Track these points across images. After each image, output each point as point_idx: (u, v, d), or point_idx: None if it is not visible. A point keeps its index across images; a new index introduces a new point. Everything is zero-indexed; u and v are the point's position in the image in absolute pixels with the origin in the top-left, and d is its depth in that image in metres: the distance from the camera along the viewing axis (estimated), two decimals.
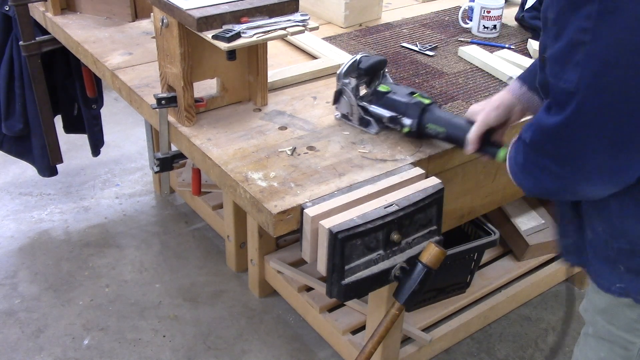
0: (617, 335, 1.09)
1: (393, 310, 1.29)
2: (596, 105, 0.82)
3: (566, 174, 0.90)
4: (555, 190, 0.95)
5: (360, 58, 1.45)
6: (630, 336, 1.07)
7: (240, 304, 2.24)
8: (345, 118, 1.50)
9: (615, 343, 1.10)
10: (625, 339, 1.08)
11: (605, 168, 0.87)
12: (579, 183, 0.91)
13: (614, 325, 1.08)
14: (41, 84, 2.19)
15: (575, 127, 0.85)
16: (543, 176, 0.94)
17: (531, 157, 0.95)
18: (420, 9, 2.30)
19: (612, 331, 1.09)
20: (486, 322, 2.15)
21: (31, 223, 2.62)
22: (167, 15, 1.37)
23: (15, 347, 2.05)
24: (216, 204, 2.49)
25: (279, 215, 1.20)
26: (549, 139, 0.90)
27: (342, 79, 1.46)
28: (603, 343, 1.12)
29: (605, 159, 0.86)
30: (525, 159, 0.97)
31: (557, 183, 0.92)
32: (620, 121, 0.82)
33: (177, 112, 1.49)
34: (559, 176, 0.91)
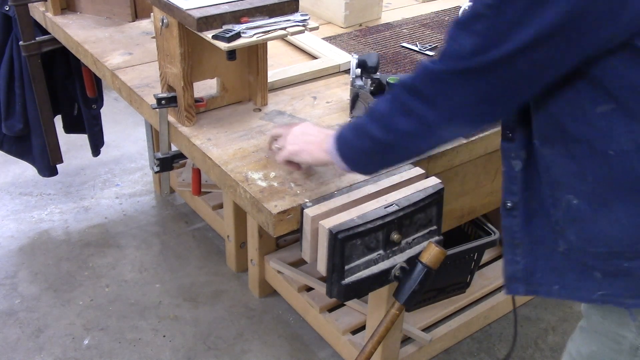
0: (609, 329, 1.09)
1: (393, 310, 1.29)
2: (481, 71, 0.90)
3: (431, 116, 0.98)
4: (409, 133, 1.01)
5: (363, 58, 1.45)
6: (622, 330, 1.07)
7: (240, 304, 2.24)
8: None
9: (607, 336, 1.10)
10: (617, 333, 1.08)
11: (469, 115, 0.96)
12: (439, 126, 0.99)
13: (607, 319, 1.09)
14: (41, 84, 2.19)
15: (456, 79, 0.93)
16: (404, 119, 1.00)
17: (402, 97, 1.00)
18: (420, 9, 2.30)
19: (605, 325, 1.10)
20: (486, 322, 2.15)
21: (31, 223, 2.62)
22: (167, 15, 1.37)
23: (15, 347, 2.05)
24: (216, 204, 2.49)
25: (279, 215, 1.20)
26: (428, 80, 0.96)
27: (356, 83, 1.45)
28: (595, 336, 1.13)
29: (472, 109, 0.95)
30: (391, 103, 1.03)
31: (417, 125, 1.00)
32: (495, 85, 0.91)
33: (177, 112, 1.49)
34: (423, 118, 0.98)
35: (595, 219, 0.98)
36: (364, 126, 1.08)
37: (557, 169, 1.00)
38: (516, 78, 0.90)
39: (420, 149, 1.08)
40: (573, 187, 0.99)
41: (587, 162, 0.96)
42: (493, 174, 1.63)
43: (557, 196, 1.02)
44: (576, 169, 0.97)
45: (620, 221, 0.96)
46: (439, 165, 1.43)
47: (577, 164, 0.97)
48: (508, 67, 0.88)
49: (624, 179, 0.93)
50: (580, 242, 1.02)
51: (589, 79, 0.91)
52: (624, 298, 1.01)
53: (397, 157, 1.12)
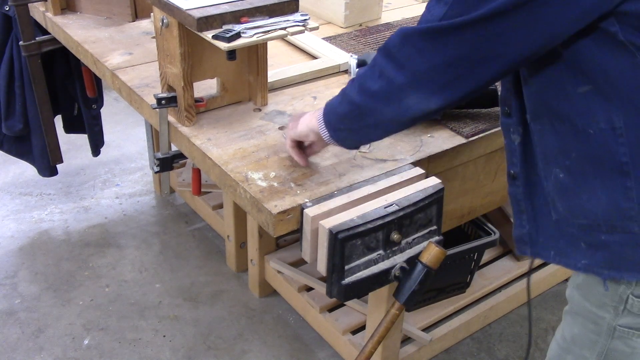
0: (589, 311, 1.12)
1: (393, 310, 1.29)
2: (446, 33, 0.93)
3: (399, 78, 1.00)
4: (378, 94, 1.04)
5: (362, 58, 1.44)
6: (600, 311, 1.10)
7: (240, 304, 2.24)
8: None
9: (587, 318, 1.13)
10: (596, 314, 1.11)
11: (433, 80, 0.98)
12: (406, 90, 1.00)
13: (588, 300, 1.12)
14: (41, 84, 2.19)
15: (423, 39, 0.96)
16: (376, 80, 1.03)
17: (377, 60, 1.03)
18: (420, 9, 2.30)
19: (586, 306, 1.13)
20: (486, 322, 2.15)
21: (31, 223, 2.62)
22: (167, 15, 1.37)
23: (15, 347, 2.05)
24: (216, 204, 2.49)
25: (279, 215, 1.20)
26: (399, 41, 0.99)
27: None
28: (577, 318, 1.15)
29: (436, 74, 0.97)
30: (370, 67, 1.06)
31: (386, 87, 1.02)
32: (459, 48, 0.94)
33: (177, 112, 1.49)
34: (391, 80, 1.01)
35: (578, 192, 1.03)
36: (345, 90, 1.11)
37: (546, 143, 1.05)
38: (479, 47, 0.93)
39: (387, 116, 1.08)
40: (559, 161, 1.03)
41: (570, 139, 1.00)
42: (493, 174, 1.63)
43: (547, 169, 1.07)
44: (561, 145, 1.02)
45: (597, 196, 1.00)
46: (439, 165, 1.43)
47: (561, 140, 1.01)
48: (472, 34, 0.91)
49: (602, 157, 0.98)
50: (567, 213, 1.07)
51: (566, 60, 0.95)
52: (602, 269, 1.05)
53: (368, 125, 1.11)
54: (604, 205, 1.00)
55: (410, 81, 0.99)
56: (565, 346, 1.20)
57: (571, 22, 0.88)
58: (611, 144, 0.96)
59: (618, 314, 1.08)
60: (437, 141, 1.44)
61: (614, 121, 0.95)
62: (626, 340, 1.10)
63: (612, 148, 0.96)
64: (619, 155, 0.96)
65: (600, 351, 1.13)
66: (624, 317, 1.08)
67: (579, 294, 1.14)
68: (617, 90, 0.93)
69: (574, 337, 1.17)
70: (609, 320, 1.10)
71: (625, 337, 1.09)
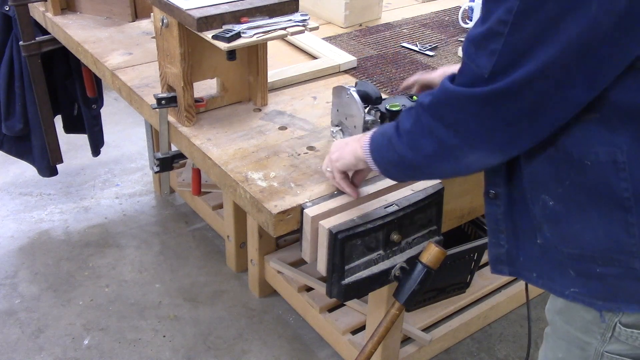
0: (574, 336, 1.08)
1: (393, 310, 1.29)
2: (501, 94, 0.87)
3: (452, 140, 0.94)
4: (433, 156, 0.98)
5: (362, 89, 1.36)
6: (587, 337, 1.06)
7: (240, 304, 2.24)
8: None
9: (572, 343, 1.09)
10: (582, 339, 1.07)
11: (492, 141, 0.92)
12: (462, 151, 0.95)
13: (571, 325, 1.08)
14: (41, 84, 2.19)
15: (476, 104, 0.89)
16: (426, 140, 0.97)
17: (423, 119, 0.97)
18: (420, 9, 2.30)
19: (570, 331, 1.09)
20: (486, 322, 2.15)
21: (31, 223, 2.62)
22: (167, 15, 1.37)
23: (15, 347, 2.05)
24: (216, 204, 2.49)
25: (279, 215, 1.20)
26: (448, 104, 0.93)
27: (367, 118, 1.34)
28: (561, 343, 1.12)
29: (495, 135, 0.91)
30: (414, 122, 0.99)
31: (439, 148, 0.96)
32: (518, 109, 0.87)
33: (177, 112, 1.49)
34: (443, 142, 0.95)
35: (569, 221, 0.98)
36: (391, 139, 1.05)
37: (535, 169, 1.00)
38: (541, 101, 0.86)
39: (444, 172, 1.04)
40: (549, 188, 0.99)
41: (564, 168, 0.95)
42: None
43: (535, 194, 1.02)
44: (553, 172, 0.97)
45: (593, 227, 0.96)
46: None
47: (554, 167, 0.96)
48: (530, 89, 0.84)
49: (600, 190, 0.93)
50: (555, 240, 1.01)
51: None
52: (597, 299, 1.01)
53: (423, 175, 1.09)
54: (601, 238, 0.96)
55: (467, 144, 0.93)
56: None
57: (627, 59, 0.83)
58: (611, 178, 0.91)
59: (605, 340, 1.04)
60: None
61: (616, 154, 0.89)
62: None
63: (613, 182, 0.91)
64: (621, 191, 0.91)
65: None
66: (611, 344, 1.04)
67: (562, 319, 1.10)
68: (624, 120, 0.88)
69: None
70: (596, 346, 1.06)
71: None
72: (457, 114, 0.92)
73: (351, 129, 1.36)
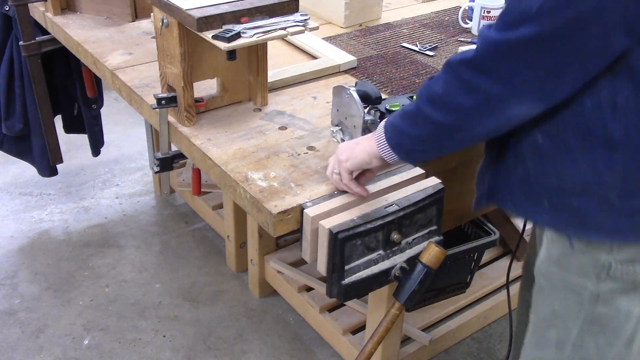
0: (570, 282, 1.13)
1: (393, 310, 1.29)
2: (550, 31, 0.86)
3: (498, 91, 0.93)
4: (474, 111, 0.97)
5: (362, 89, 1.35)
6: (583, 280, 1.11)
7: (240, 304, 2.24)
8: None
9: (568, 290, 1.14)
10: (578, 283, 1.12)
11: (539, 88, 0.92)
12: (508, 101, 0.94)
13: (568, 271, 1.12)
14: (41, 84, 2.19)
15: (524, 47, 0.89)
16: (467, 97, 0.96)
17: (464, 76, 0.96)
18: (420, 9, 2.30)
19: (566, 278, 1.13)
20: (486, 322, 2.15)
21: (31, 223, 2.62)
22: (167, 15, 1.37)
23: (15, 347, 2.05)
24: (216, 204, 2.49)
25: (279, 215, 1.20)
26: (494, 55, 0.92)
27: (367, 118, 1.33)
28: (556, 293, 1.16)
29: (542, 80, 0.91)
30: (448, 84, 0.98)
31: (484, 101, 0.95)
32: (570, 47, 0.87)
33: (177, 112, 1.49)
34: (489, 95, 0.94)
35: (555, 158, 1.03)
36: (419, 112, 1.04)
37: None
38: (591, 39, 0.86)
39: (488, 128, 1.02)
40: (541, 126, 1.02)
41: (560, 107, 0.97)
42: None
43: (525, 130, 1.05)
44: (549, 112, 0.99)
45: (577, 163, 1.00)
46: (439, 165, 1.43)
47: (554, 108, 0.98)
48: (580, 30, 0.84)
49: (593, 130, 0.96)
50: (536, 172, 1.06)
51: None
52: (568, 227, 1.07)
53: (456, 141, 1.06)
54: (583, 172, 1.01)
55: (511, 94, 0.93)
56: (545, 324, 1.20)
57: None
58: (607, 119, 0.95)
59: (600, 280, 1.09)
60: None
61: (617, 96, 0.93)
62: (609, 302, 1.11)
63: (607, 123, 0.95)
64: (613, 131, 0.95)
65: (584, 319, 1.14)
66: (606, 282, 1.09)
67: (558, 268, 1.14)
68: (633, 77, 0.91)
69: (554, 312, 1.18)
70: (592, 288, 1.11)
71: (608, 300, 1.11)
72: (502, 62, 0.91)
73: (351, 129, 1.36)
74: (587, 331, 1.15)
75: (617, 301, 1.11)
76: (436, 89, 1.01)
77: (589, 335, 1.15)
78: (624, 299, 1.10)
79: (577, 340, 1.16)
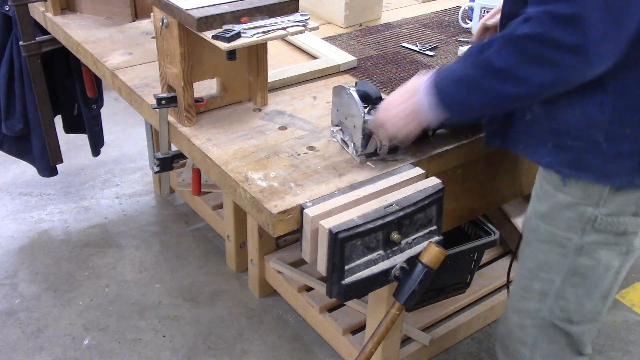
0: (556, 235, 1.21)
1: (393, 310, 1.29)
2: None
3: (571, 60, 0.98)
4: (549, 83, 1.02)
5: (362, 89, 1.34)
6: (568, 233, 1.20)
7: (240, 304, 2.24)
8: (370, 157, 1.36)
9: (554, 243, 1.22)
10: (563, 236, 1.21)
11: (610, 51, 0.98)
12: (582, 69, 0.99)
13: (554, 226, 1.21)
14: (41, 84, 2.19)
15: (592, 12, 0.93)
16: (541, 70, 1.00)
17: (532, 50, 0.99)
18: (420, 9, 2.30)
19: (552, 231, 1.22)
20: (486, 322, 2.15)
21: (31, 223, 2.62)
22: (167, 15, 1.37)
23: (15, 347, 2.05)
24: (216, 204, 2.49)
25: (279, 215, 1.20)
26: (562, 26, 0.96)
27: (367, 118, 1.30)
28: (542, 246, 1.24)
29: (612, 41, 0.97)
30: (517, 57, 1.02)
31: (556, 73, 1.00)
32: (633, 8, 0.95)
33: (177, 112, 1.49)
34: (562, 65, 0.99)
35: (557, 102, 1.12)
36: (477, 81, 1.07)
37: None
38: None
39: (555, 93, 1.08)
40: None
41: None
42: (493, 174, 1.63)
43: None
44: None
45: (574, 107, 1.11)
46: (439, 165, 1.43)
47: None
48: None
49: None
50: (542, 116, 1.17)
51: None
52: (564, 167, 1.17)
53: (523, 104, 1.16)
54: (578, 115, 1.11)
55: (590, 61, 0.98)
56: (530, 275, 1.29)
57: None
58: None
59: (585, 232, 1.19)
60: (437, 141, 1.44)
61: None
62: (591, 254, 1.20)
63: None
64: (604, 75, 1.02)
65: (567, 271, 1.23)
66: (590, 235, 1.19)
67: (545, 222, 1.23)
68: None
69: (539, 264, 1.25)
70: (576, 241, 1.20)
71: (590, 252, 1.20)
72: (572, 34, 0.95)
73: (351, 129, 1.36)
74: (568, 282, 1.24)
75: (599, 253, 1.20)
76: (500, 63, 1.03)
77: (570, 287, 1.25)
78: (605, 252, 1.20)
79: (559, 291, 1.26)
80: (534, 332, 1.33)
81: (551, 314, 1.29)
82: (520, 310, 1.34)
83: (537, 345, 1.33)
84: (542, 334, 1.32)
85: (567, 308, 1.27)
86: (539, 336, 1.32)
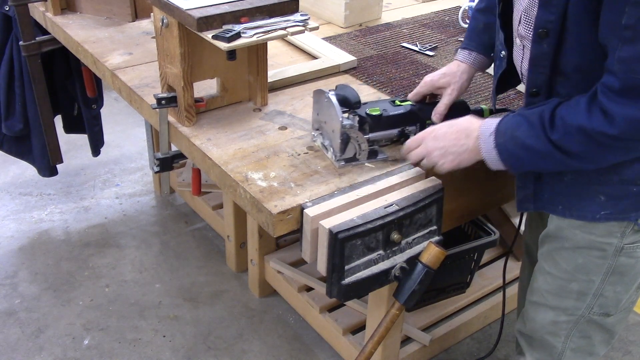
0: (596, 241, 1.23)
1: (393, 310, 1.29)
2: None
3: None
4: (620, 160, 1.11)
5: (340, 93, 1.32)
6: (609, 239, 1.22)
7: (240, 304, 2.24)
8: (350, 162, 1.34)
9: (593, 248, 1.24)
10: (604, 242, 1.22)
11: None
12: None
13: (595, 234, 1.22)
14: (41, 84, 2.19)
15: None
16: (615, 154, 1.09)
17: (609, 143, 1.05)
18: (420, 9, 2.30)
19: (592, 239, 1.23)
20: (486, 322, 2.15)
21: (31, 223, 2.62)
22: (167, 15, 1.37)
23: (15, 347, 2.05)
24: (216, 204, 2.49)
25: (279, 215, 1.20)
26: (636, 131, 1.02)
27: (345, 122, 1.29)
28: (580, 251, 1.26)
29: None
30: (597, 146, 1.07)
31: (630, 154, 1.10)
32: None
33: (177, 112, 1.49)
34: (636, 149, 1.08)
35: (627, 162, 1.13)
36: (550, 155, 1.10)
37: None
38: None
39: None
40: None
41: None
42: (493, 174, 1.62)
43: None
44: None
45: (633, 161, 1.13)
46: None
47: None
48: None
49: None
50: (594, 173, 1.17)
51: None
52: (629, 213, 1.18)
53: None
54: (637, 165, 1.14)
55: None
56: (567, 277, 1.29)
57: None
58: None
59: (625, 235, 1.21)
60: None
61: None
62: (631, 253, 1.23)
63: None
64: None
65: (606, 271, 1.25)
66: (630, 236, 1.21)
67: (582, 231, 1.24)
68: None
69: (577, 266, 1.27)
70: (616, 244, 1.22)
71: (630, 252, 1.23)
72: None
73: (329, 132, 1.35)
74: (607, 281, 1.26)
75: (638, 252, 1.23)
76: (576, 149, 1.08)
77: (609, 285, 1.27)
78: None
79: (597, 290, 1.28)
80: (568, 326, 1.35)
81: (590, 311, 1.31)
82: (556, 308, 1.35)
83: (569, 338, 1.36)
84: (576, 328, 1.35)
85: (605, 304, 1.30)
86: (573, 330, 1.35)
